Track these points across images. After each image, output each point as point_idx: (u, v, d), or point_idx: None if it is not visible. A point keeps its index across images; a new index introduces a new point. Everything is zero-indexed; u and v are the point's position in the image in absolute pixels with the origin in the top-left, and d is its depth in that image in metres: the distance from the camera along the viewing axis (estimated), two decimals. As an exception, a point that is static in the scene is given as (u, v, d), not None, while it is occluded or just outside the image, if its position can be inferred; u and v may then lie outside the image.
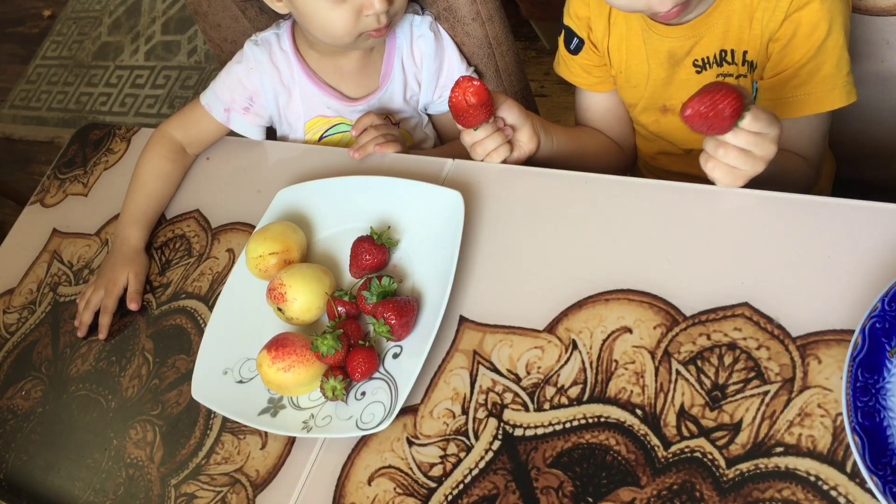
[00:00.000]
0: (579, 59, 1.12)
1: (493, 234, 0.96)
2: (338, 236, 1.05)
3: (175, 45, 2.83)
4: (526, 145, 1.03)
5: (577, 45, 1.11)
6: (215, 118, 1.22)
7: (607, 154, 1.17)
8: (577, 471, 0.76)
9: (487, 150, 1.00)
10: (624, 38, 1.06)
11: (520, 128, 1.02)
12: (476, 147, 1.01)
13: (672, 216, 0.88)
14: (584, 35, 1.09)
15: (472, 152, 1.02)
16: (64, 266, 1.27)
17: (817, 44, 0.92)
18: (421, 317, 0.92)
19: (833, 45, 0.93)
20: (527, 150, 1.03)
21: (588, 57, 1.11)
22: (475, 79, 0.96)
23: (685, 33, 0.99)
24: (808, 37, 0.92)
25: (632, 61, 1.06)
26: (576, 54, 1.11)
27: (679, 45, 1.01)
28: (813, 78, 0.94)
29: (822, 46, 0.92)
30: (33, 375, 1.16)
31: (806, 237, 0.80)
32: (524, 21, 2.10)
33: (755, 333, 0.76)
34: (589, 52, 1.10)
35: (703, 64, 1.00)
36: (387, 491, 0.83)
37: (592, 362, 0.81)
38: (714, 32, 0.98)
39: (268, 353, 0.91)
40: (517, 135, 1.03)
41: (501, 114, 1.01)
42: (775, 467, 0.70)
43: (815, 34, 0.92)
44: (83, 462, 1.04)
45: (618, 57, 1.08)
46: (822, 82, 0.94)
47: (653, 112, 1.10)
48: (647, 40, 1.03)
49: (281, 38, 1.21)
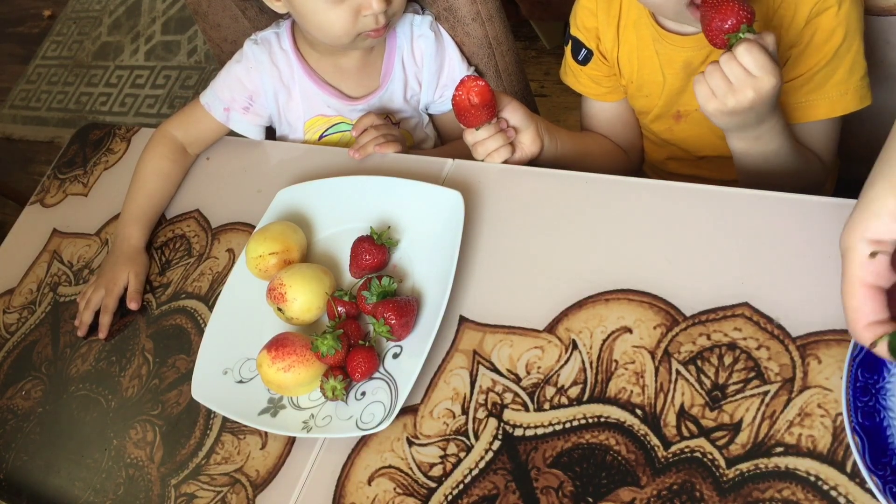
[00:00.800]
0: (588, 69, 1.11)
1: (493, 234, 0.96)
2: (338, 236, 1.05)
3: (175, 45, 2.84)
4: (528, 148, 1.03)
5: (585, 56, 1.10)
6: (215, 118, 1.22)
7: (612, 159, 1.17)
8: (577, 471, 0.76)
9: (489, 150, 1.00)
10: (635, 48, 1.05)
11: (523, 130, 1.02)
12: (477, 147, 1.01)
13: (672, 216, 0.88)
14: (593, 46, 1.09)
15: (474, 152, 1.02)
16: (64, 266, 1.27)
17: (833, 49, 0.92)
18: (421, 317, 0.92)
19: (847, 50, 0.93)
20: (529, 153, 1.03)
21: (597, 67, 1.11)
22: (479, 79, 0.96)
23: (699, 43, 0.98)
24: (824, 42, 0.92)
25: (644, 71, 1.06)
26: (584, 65, 1.11)
27: (695, 55, 1.00)
28: (826, 82, 0.94)
29: (837, 52, 0.92)
30: (33, 375, 1.16)
31: (806, 237, 0.80)
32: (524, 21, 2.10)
33: (755, 333, 0.76)
34: (598, 63, 1.10)
35: None
36: (387, 491, 0.83)
37: (592, 362, 0.81)
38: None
39: (268, 353, 0.91)
40: (520, 137, 1.03)
41: (505, 115, 1.01)
42: (775, 467, 0.70)
43: (832, 40, 0.92)
44: (83, 462, 1.04)
45: (629, 68, 1.07)
46: (835, 87, 0.94)
47: (666, 119, 1.09)
48: (659, 50, 1.03)
49: (281, 38, 1.21)
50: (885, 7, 0.99)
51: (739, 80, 0.82)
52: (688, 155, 1.12)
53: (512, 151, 1.01)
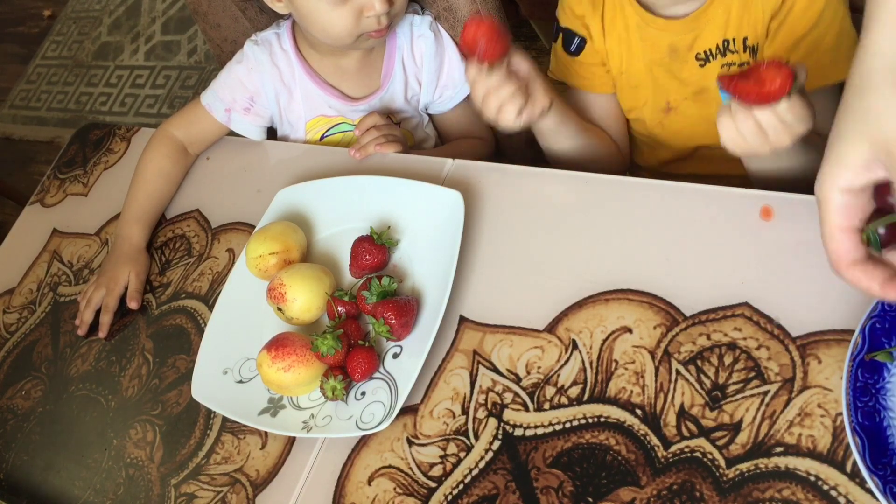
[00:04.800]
0: (581, 58, 1.10)
1: (493, 234, 0.96)
2: (338, 236, 1.05)
3: (175, 45, 2.83)
4: (540, 100, 0.95)
5: (578, 45, 1.09)
6: (216, 118, 1.22)
7: (608, 149, 1.16)
8: (577, 471, 0.76)
9: (502, 98, 0.91)
10: (623, 38, 1.05)
11: (533, 79, 0.95)
12: (489, 98, 0.92)
13: (672, 216, 0.88)
14: (585, 33, 1.09)
15: (485, 106, 0.93)
16: (64, 266, 1.27)
17: (816, 15, 0.91)
18: (421, 317, 0.92)
19: (832, 16, 0.91)
20: (541, 105, 0.96)
21: (590, 55, 1.10)
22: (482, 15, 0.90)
23: (685, 27, 0.98)
24: (806, 9, 0.91)
25: (632, 60, 1.06)
26: (577, 55, 1.10)
27: (680, 40, 1.00)
28: (815, 51, 0.92)
29: (820, 17, 0.91)
30: (33, 375, 1.16)
31: (806, 237, 0.80)
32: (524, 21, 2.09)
33: (755, 333, 0.76)
34: (591, 51, 1.09)
35: (707, 56, 0.99)
36: (387, 491, 0.83)
37: (592, 362, 0.81)
38: (715, 23, 0.97)
39: (268, 353, 0.91)
40: (531, 86, 0.94)
41: (514, 65, 0.93)
42: (775, 467, 0.70)
43: (814, 6, 0.91)
44: (83, 462, 1.04)
45: (617, 58, 1.07)
46: (825, 54, 0.92)
47: (657, 113, 1.09)
48: (644, 36, 1.02)
49: (281, 38, 1.21)
50: (884, 7, 0.99)
51: (776, 130, 0.77)
52: (678, 155, 1.12)
53: (525, 100, 0.93)
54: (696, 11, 0.97)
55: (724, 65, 0.99)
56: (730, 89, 0.75)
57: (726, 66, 0.99)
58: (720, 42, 0.98)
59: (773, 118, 0.77)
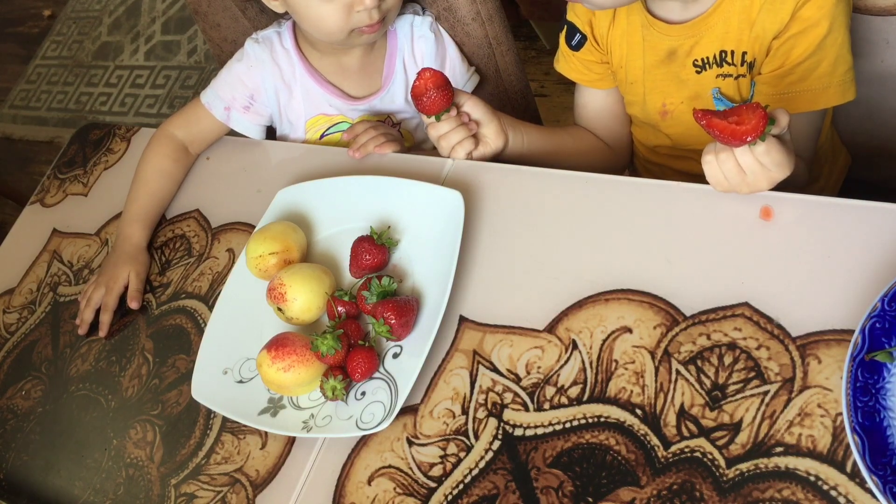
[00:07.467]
0: (580, 54, 1.12)
1: (493, 234, 0.96)
2: (338, 236, 1.05)
3: (175, 45, 2.83)
4: (493, 141, 1.05)
5: (578, 41, 1.11)
6: (216, 117, 1.22)
7: (592, 154, 1.17)
8: (577, 471, 0.76)
9: (452, 143, 1.02)
10: (626, 33, 1.06)
11: (486, 124, 1.04)
12: (441, 141, 1.03)
13: (672, 216, 0.88)
14: (587, 31, 1.10)
15: (438, 147, 1.04)
16: (64, 266, 1.27)
17: (816, 41, 0.92)
18: (421, 317, 0.92)
19: (832, 43, 0.92)
20: (493, 147, 1.05)
21: (589, 53, 1.11)
22: (432, 68, 1.00)
23: (685, 32, 0.99)
24: (807, 34, 0.92)
25: (632, 56, 1.07)
26: (577, 50, 1.12)
27: (679, 44, 1.01)
28: (810, 75, 0.94)
29: (821, 44, 0.92)
30: (33, 375, 1.16)
31: (806, 237, 0.80)
32: (524, 21, 2.10)
33: (755, 333, 0.76)
34: (590, 48, 1.10)
35: (703, 64, 1.00)
36: (387, 491, 0.83)
37: (592, 362, 0.81)
38: (714, 32, 0.98)
39: (268, 353, 0.91)
40: (483, 130, 1.04)
41: (467, 109, 1.03)
42: (775, 467, 0.70)
43: (816, 31, 0.92)
44: (83, 462, 1.04)
45: (619, 52, 1.08)
46: (818, 80, 0.94)
47: (653, 115, 1.09)
48: (646, 36, 1.03)
49: (282, 36, 1.22)
50: (884, 7, 0.99)
51: (755, 172, 0.81)
52: (677, 151, 1.13)
53: (475, 145, 1.03)
54: (697, 19, 0.98)
55: (720, 75, 1.00)
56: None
57: (722, 76, 1.00)
58: (717, 52, 0.99)
59: (751, 160, 0.80)
